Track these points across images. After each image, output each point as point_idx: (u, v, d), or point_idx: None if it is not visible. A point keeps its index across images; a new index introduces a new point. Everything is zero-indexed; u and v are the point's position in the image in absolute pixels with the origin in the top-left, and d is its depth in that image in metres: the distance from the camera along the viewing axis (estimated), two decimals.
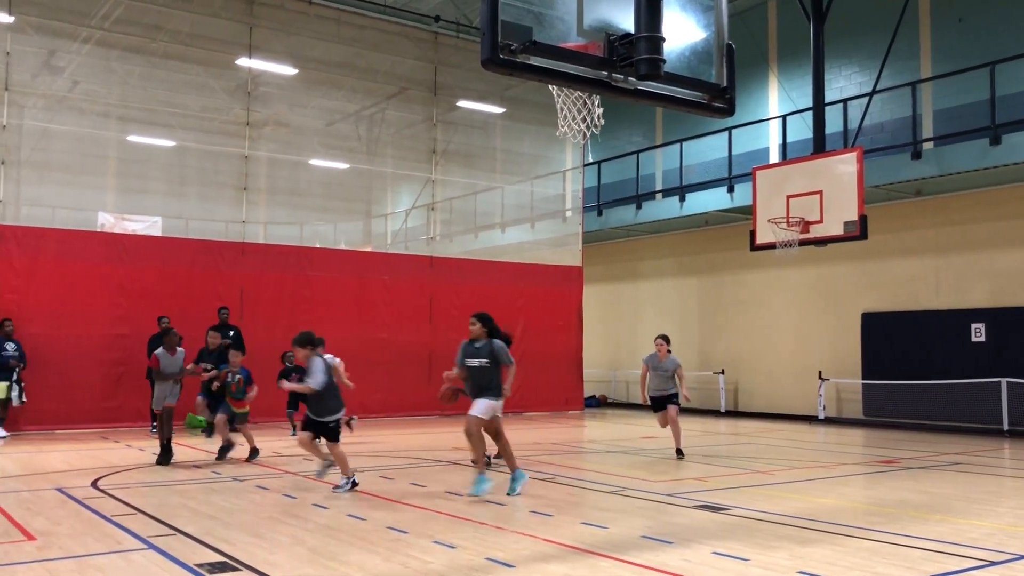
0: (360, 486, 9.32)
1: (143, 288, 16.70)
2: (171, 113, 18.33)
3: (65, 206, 17.26)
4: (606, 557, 6.42)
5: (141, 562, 6.22)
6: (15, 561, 6.20)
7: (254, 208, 19.07)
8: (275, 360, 17.62)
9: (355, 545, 6.80)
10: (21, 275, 15.77)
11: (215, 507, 8.40)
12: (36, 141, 16.86)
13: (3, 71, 16.20)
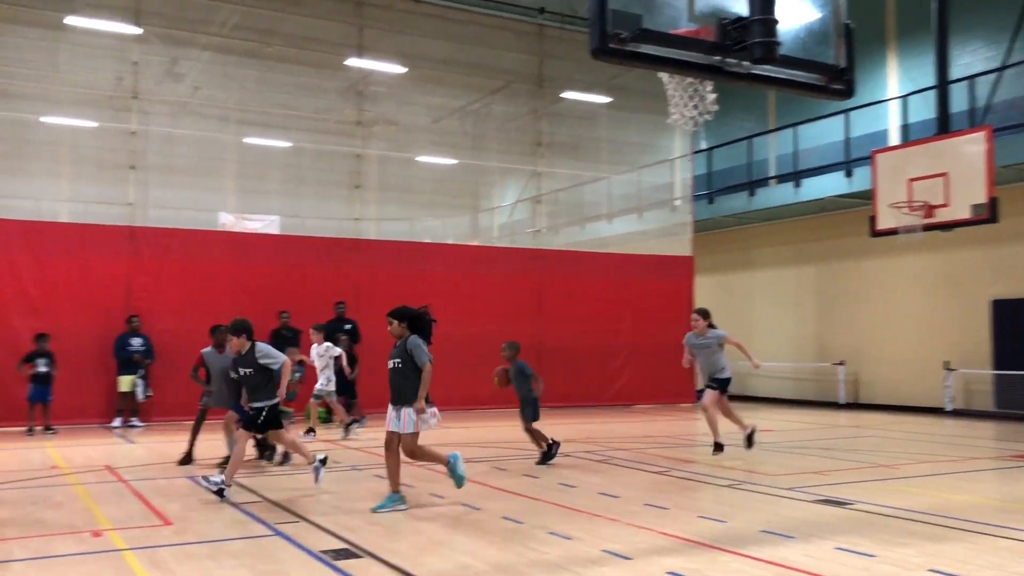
0: (468, 477, 8.80)
1: (263, 284, 17.32)
2: (286, 115, 18.91)
3: (189, 207, 18.04)
4: (725, 551, 6.31)
5: (269, 548, 6.47)
6: (155, 544, 6.54)
7: (366, 205, 19.53)
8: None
9: (471, 535, 6.89)
10: (150, 273, 16.60)
11: (336, 495, 8.66)
12: (161, 146, 17.68)
13: (132, 80, 17.06)
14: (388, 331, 8.42)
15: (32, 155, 16.89)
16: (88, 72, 17.12)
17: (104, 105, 17.32)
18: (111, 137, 17.21)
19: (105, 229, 16.47)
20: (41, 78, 16.83)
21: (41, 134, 16.98)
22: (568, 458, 11.45)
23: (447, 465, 8.18)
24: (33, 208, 16.66)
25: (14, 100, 16.62)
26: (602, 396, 20.25)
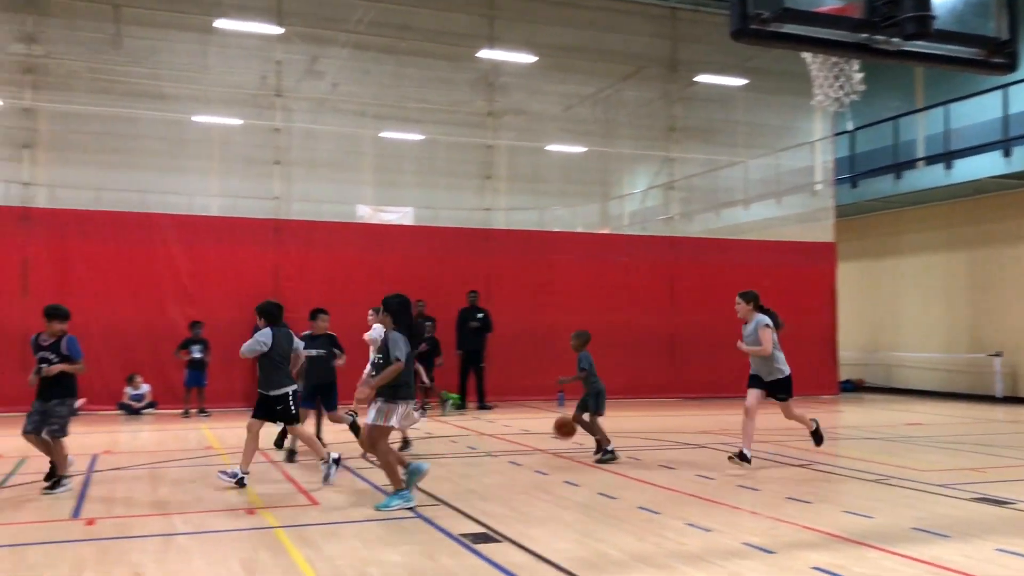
0: (546, 462, 8.66)
1: (398, 274, 17.73)
2: (420, 108, 19.30)
3: (329, 200, 18.69)
4: (873, 547, 6.06)
5: (411, 529, 6.64)
6: (305, 523, 6.83)
7: (496, 195, 19.72)
8: (521, 341, 18.22)
9: (608, 523, 6.87)
10: (295, 264, 17.30)
11: (473, 481, 8.80)
12: (303, 141, 18.37)
13: (275, 79, 17.79)
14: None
15: (185, 153, 17.86)
16: (235, 72, 17.96)
17: (249, 103, 18.14)
18: (256, 134, 18.01)
19: (252, 222, 17.25)
20: (193, 80, 17.77)
21: (193, 133, 17.94)
22: (704, 450, 11.26)
23: (406, 472, 7.51)
24: (186, 203, 17.64)
25: (169, 101, 17.62)
26: (738, 388, 19.68)
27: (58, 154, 17.11)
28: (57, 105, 16.84)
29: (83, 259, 15.95)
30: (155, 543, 6.20)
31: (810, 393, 20.01)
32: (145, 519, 6.97)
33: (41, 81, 16.65)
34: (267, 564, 5.64)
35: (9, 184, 16.51)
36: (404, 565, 5.64)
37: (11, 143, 16.46)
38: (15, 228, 15.67)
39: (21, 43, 16.52)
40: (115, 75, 17.50)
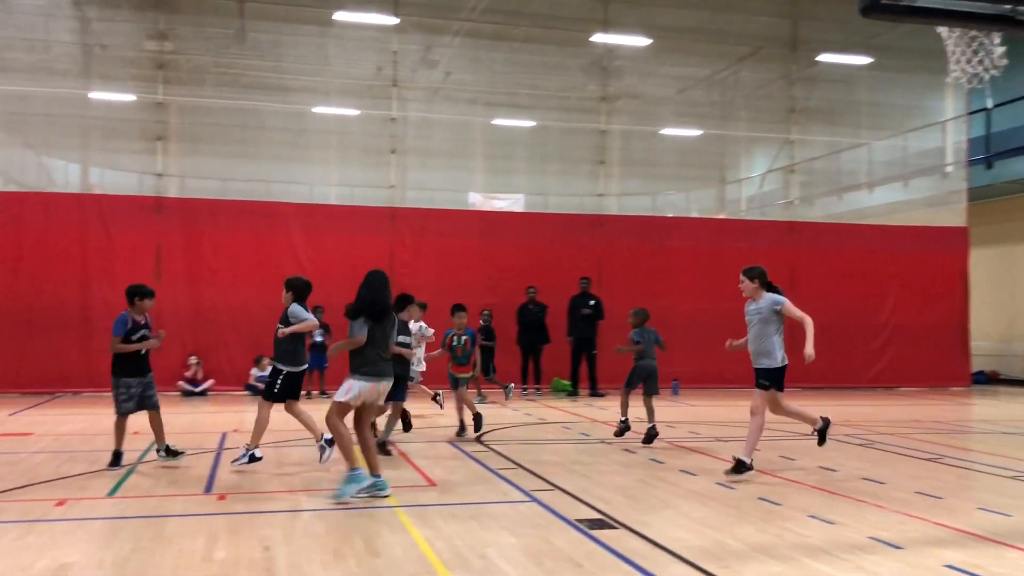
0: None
1: (510, 261, 17.88)
2: (532, 95, 19.31)
3: (442, 188, 18.96)
4: (1013, 547, 5.73)
5: (527, 513, 6.67)
6: (423, 503, 6.96)
7: (609, 180, 19.56)
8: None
9: (727, 513, 6.74)
10: (410, 251, 17.62)
11: (587, 467, 8.77)
12: (417, 130, 18.67)
13: (391, 69, 18.11)
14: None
15: (306, 143, 18.44)
16: (353, 63, 18.40)
17: (366, 94, 18.57)
18: (373, 124, 18.41)
19: (369, 210, 17.66)
20: (313, 72, 18.30)
21: (313, 123, 18.49)
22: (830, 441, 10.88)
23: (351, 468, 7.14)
24: (307, 192, 18.20)
25: (291, 93, 18.21)
26: (861, 377, 19.08)
27: (188, 146, 17.93)
28: (186, 99, 17.64)
29: (212, 246, 16.67)
30: (282, 519, 6.43)
31: (938, 385, 19.17)
32: (272, 495, 7.24)
33: (171, 76, 17.45)
34: (388, 542, 5.77)
35: (143, 175, 17.40)
36: (521, 548, 5.67)
37: (145, 136, 17.33)
38: (149, 217, 16.50)
39: (153, 40, 17.35)
40: (239, 69, 18.20)
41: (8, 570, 5.06)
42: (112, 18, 17.45)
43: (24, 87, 16.95)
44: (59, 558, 5.29)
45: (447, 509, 6.75)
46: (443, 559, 5.39)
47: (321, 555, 5.45)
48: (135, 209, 16.55)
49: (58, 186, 17.65)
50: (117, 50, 17.65)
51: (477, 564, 5.31)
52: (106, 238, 16.23)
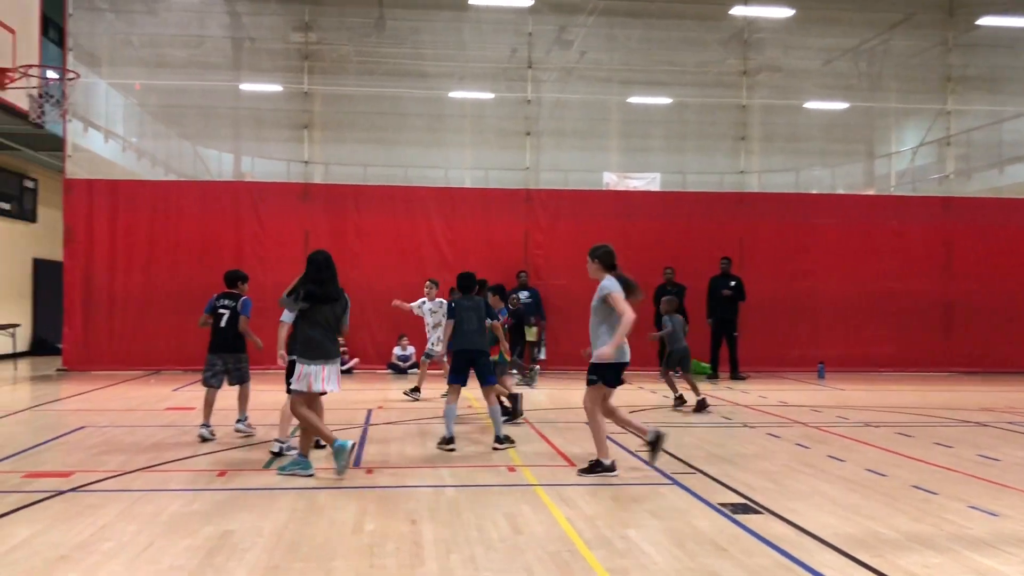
0: (813, 442, 8.45)
1: (646, 241, 17.64)
2: (668, 71, 18.95)
3: (576, 168, 18.88)
4: None
5: (670, 496, 6.59)
6: (563, 483, 6.99)
7: (750, 157, 18.97)
8: (776, 309, 17.53)
9: (878, 501, 6.45)
10: (545, 232, 17.67)
11: (729, 451, 8.59)
12: (551, 111, 18.65)
13: (526, 51, 18.15)
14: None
15: (443, 127, 18.75)
16: (488, 47, 18.53)
17: (501, 77, 18.68)
18: (508, 106, 18.52)
19: (504, 192, 17.80)
20: (449, 57, 18.57)
21: (449, 108, 18.77)
22: (986, 429, 10.28)
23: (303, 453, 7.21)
24: (442, 176, 18.53)
25: (429, 79, 18.55)
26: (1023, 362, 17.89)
27: (331, 133, 18.55)
28: (329, 88, 18.23)
29: (355, 230, 17.22)
30: (427, 493, 6.60)
31: None
32: (417, 471, 7.43)
33: (315, 66, 18.06)
34: (530, 519, 5.82)
35: (291, 163, 18.13)
36: (663, 529, 5.61)
37: (292, 125, 18.03)
38: (297, 203, 17.19)
39: (299, 32, 17.99)
40: (379, 57, 18.68)
41: (178, 535, 5.41)
42: (260, 12, 18.22)
43: (181, 81, 17.95)
44: (222, 525, 5.61)
45: (587, 489, 6.76)
46: (584, 539, 5.40)
47: (465, 530, 5.56)
48: (284, 195, 17.28)
49: (213, 175, 18.63)
50: (265, 43, 18.43)
51: (619, 545, 5.29)
52: (258, 223, 17.04)
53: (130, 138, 19.14)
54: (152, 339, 16.42)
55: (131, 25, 17.88)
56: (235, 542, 5.23)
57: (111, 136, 18.47)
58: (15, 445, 8.45)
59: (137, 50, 18.03)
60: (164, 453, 8.09)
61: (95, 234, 16.61)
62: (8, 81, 11.35)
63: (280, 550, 5.10)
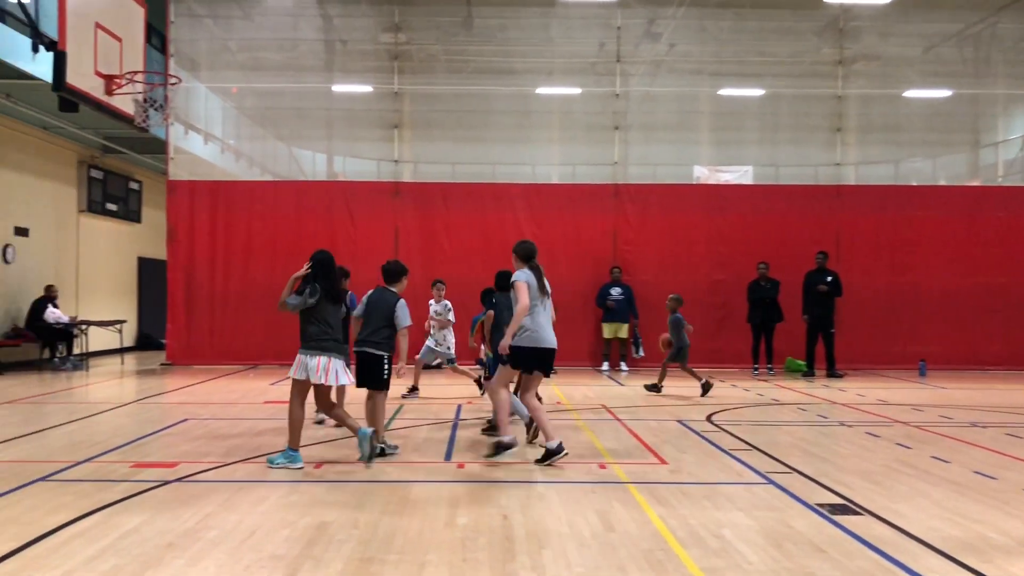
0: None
1: (739, 235, 17.34)
2: (761, 62, 18.52)
3: (666, 162, 18.63)
4: None
5: (764, 496, 6.45)
6: (655, 481, 6.91)
7: (846, 148, 18.40)
8: (875, 305, 17.00)
9: (987, 504, 6.18)
10: (634, 227, 17.52)
11: (826, 450, 8.36)
12: (640, 105, 18.44)
13: (614, 45, 18.00)
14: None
15: (530, 124, 18.74)
16: (575, 42, 18.45)
17: (589, 71, 18.57)
18: (595, 101, 18.40)
19: (592, 187, 17.72)
20: (537, 53, 18.56)
21: (537, 104, 18.76)
22: None
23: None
24: (529, 172, 18.54)
25: (516, 76, 18.58)
26: None
27: (420, 132, 18.76)
28: (418, 87, 18.44)
29: (444, 228, 17.42)
30: (518, 489, 6.61)
31: None
32: (507, 466, 7.46)
33: (405, 66, 18.30)
34: (622, 517, 5.78)
35: (381, 162, 18.42)
36: (759, 530, 5.49)
37: (382, 125, 18.31)
38: (388, 201, 17.48)
39: (388, 33, 18.26)
40: (467, 55, 18.80)
41: (278, 525, 5.55)
42: (351, 14, 18.55)
43: (276, 84, 18.43)
44: (319, 516, 5.73)
45: (679, 488, 6.67)
46: (678, 537, 5.33)
47: (557, 526, 5.55)
48: (375, 194, 17.58)
49: (307, 175, 19.08)
50: (356, 44, 18.76)
51: (713, 544, 5.20)
52: (350, 222, 17.39)
53: (228, 140, 19.77)
54: (250, 334, 16.93)
55: (228, 31, 18.44)
56: (332, 533, 5.34)
57: (210, 138, 19.11)
58: (123, 436, 8.82)
59: (234, 54, 18.59)
60: (263, 445, 8.33)
61: (196, 233, 17.23)
62: (115, 87, 11.84)
63: (375, 542, 5.18)
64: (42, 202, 17.75)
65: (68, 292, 18.48)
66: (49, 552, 4.93)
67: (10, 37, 12.84)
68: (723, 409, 11.22)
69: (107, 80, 11.71)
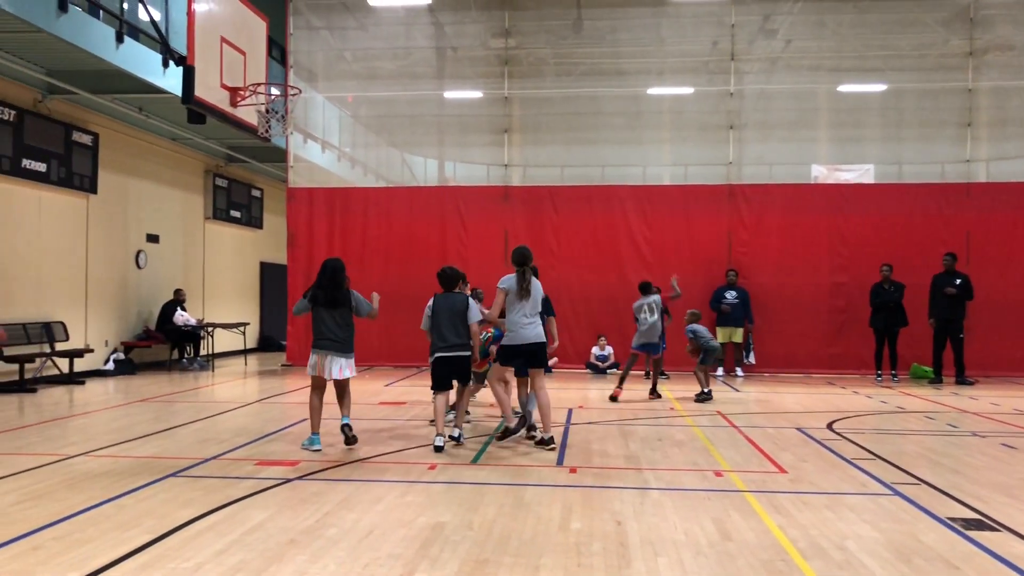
0: None
1: (861, 236, 16.71)
2: (883, 56, 17.80)
3: (782, 162, 18.11)
4: None
5: (889, 507, 6.17)
6: (773, 490, 6.71)
7: (977, 144, 17.47)
8: (1009, 309, 16.13)
9: None
10: (749, 229, 17.10)
11: (957, 461, 7.95)
12: (755, 103, 17.99)
13: (728, 43, 17.63)
14: None
15: (640, 125, 18.53)
16: (688, 41, 18.15)
17: (702, 70, 18.24)
18: (708, 100, 18.06)
19: (705, 188, 17.39)
20: (647, 53, 18.34)
21: (648, 105, 18.54)
22: None
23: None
24: (639, 174, 18.34)
25: (626, 77, 18.42)
26: None
27: (529, 136, 18.79)
28: (528, 91, 18.50)
29: (552, 230, 17.42)
30: (631, 495, 6.53)
31: None
32: (620, 472, 7.38)
33: (514, 71, 18.39)
34: (739, 526, 5.63)
35: (490, 166, 18.58)
36: (885, 543, 5.26)
37: (492, 129, 18.46)
38: (497, 205, 17.61)
39: (498, 38, 18.40)
40: (576, 57, 18.76)
41: (395, 524, 5.65)
42: (462, 21, 18.78)
43: (389, 92, 18.84)
44: (434, 517, 5.80)
45: (799, 497, 6.45)
46: (799, 548, 5.15)
47: (672, 533, 5.45)
48: (485, 198, 17.75)
49: (418, 180, 19.42)
50: (466, 51, 18.97)
51: (836, 556, 5.01)
52: (461, 226, 17.61)
53: (344, 148, 20.32)
54: (365, 336, 17.20)
55: (344, 41, 18.95)
56: (447, 534, 5.40)
57: (327, 146, 19.69)
58: (247, 434, 9.16)
59: (350, 64, 19.09)
60: (379, 446, 8.50)
61: (314, 238, 17.77)
62: (240, 99, 12.32)
63: (490, 544, 5.20)
64: (171, 210, 18.65)
65: (195, 296, 19.35)
66: (181, 544, 5.16)
67: (143, 54, 13.53)
68: (844, 417, 10.82)
69: (232, 92, 12.19)
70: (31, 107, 13.89)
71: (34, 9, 11.06)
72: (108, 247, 16.32)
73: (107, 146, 15.88)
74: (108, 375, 15.70)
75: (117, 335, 16.70)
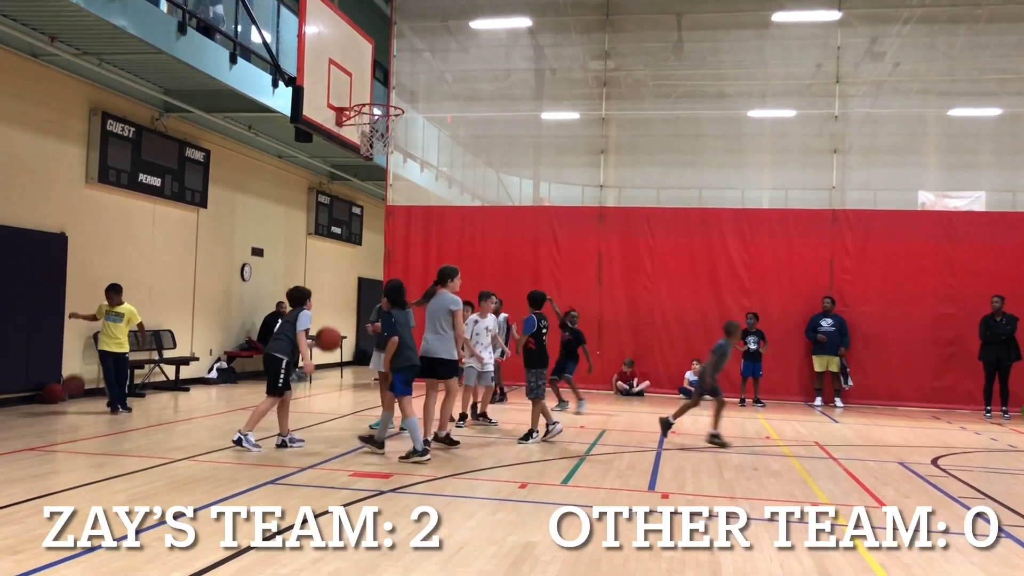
0: None
1: (971, 266, 16.05)
2: (998, 79, 17.14)
3: (888, 187, 17.58)
4: None
5: (1001, 551, 5.84)
6: (874, 525, 6.45)
7: None
8: None
9: None
10: (852, 255, 16.62)
11: None
12: (860, 127, 17.53)
13: (833, 65, 17.25)
14: None
15: (741, 148, 18.26)
16: (791, 63, 17.85)
17: (805, 93, 17.88)
18: (811, 123, 17.68)
19: (807, 213, 16.99)
20: (749, 76, 18.11)
21: (748, 127, 18.27)
22: None
23: None
24: (737, 197, 18.05)
25: (727, 99, 18.22)
26: None
27: (626, 157, 18.73)
28: (626, 112, 18.47)
29: (648, 253, 17.28)
30: (724, 524, 6.37)
31: None
32: (713, 499, 7.24)
33: (613, 92, 18.40)
34: (838, 562, 5.47)
35: (586, 187, 18.58)
36: None
37: (588, 150, 18.49)
38: (592, 226, 17.58)
39: (597, 60, 18.45)
40: (676, 79, 18.64)
41: (485, 542, 5.67)
42: (562, 43, 18.91)
43: (488, 113, 19.08)
44: (525, 536, 5.80)
45: (897, 532, 6.19)
46: None
47: (767, 566, 5.33)
48: (580, 219, 17.75)
49: (513, 200, 19.57)
50: (565, 72, 19.09)
51: None
52: (555, 246, 17.64)
53: (442, 167, 20.66)
54: None
55: (445, 63, 19.31)
56: (537, 554, 5.39)
57: (426, 166, 20.05)
58: (343, 446, 9.35)
59: (450, 85, 19.43)
60: (471, 462, 8.56)
61: (410, 255, 18.07)
62: (345, 119, 12.66)
63: (581, 566, 5.18)
64: (276, 225, 19.27)
65: None
66: (278, 551, 5.29)
67: (254, 74, 14.07)
68: (950, 453, 10.37)
69: (338, 112, 12.54)
70: (149, 124, 14.59)
71: (156, 32, 11.64)
72: (215, 259, 16.97)
73: (217, 162, 16.54)
74: (211, 383, 16.28)
75: (221, 344, 17.31)
